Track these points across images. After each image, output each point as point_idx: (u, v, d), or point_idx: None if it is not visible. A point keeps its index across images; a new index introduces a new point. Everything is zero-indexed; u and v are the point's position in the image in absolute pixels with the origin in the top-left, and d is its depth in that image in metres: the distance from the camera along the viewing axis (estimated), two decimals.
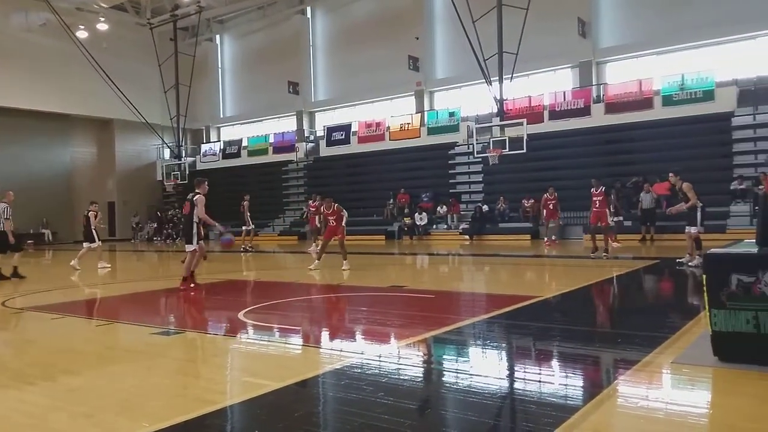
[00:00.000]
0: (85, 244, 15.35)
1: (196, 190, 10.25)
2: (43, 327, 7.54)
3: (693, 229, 11.36)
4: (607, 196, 14.90)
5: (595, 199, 14.28)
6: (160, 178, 33.55)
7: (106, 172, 35.53)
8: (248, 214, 20.22)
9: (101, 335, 6.80)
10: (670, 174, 12.17)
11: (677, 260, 11.60)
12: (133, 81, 30.40)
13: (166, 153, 34.86)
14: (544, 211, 18.99)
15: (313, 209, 19.04)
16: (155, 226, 32.71)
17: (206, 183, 10.34)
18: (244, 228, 20.23)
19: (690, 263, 11.11)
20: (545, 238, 19.10)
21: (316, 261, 13.17)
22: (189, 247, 10.20)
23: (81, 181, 35.13)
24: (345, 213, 13.10)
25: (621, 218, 18.45)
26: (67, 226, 33.42)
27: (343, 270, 12.37)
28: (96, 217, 15.45)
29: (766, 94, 20.18)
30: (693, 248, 11.34)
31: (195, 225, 10.14)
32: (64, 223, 33.35)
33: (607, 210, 14.53)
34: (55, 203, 32.97)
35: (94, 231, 15.27)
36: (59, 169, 34.44)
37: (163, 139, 32.48)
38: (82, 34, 29.15)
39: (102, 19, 31.40)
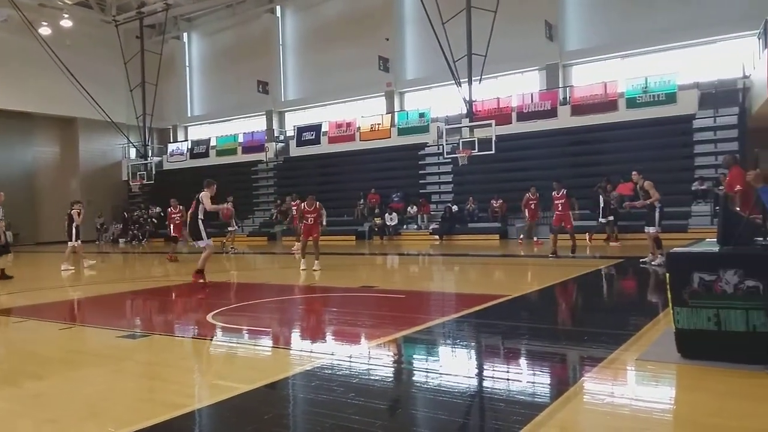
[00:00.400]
0: (69, 244, 15.25)
1: (204, 190, 10.62)
2: (6, 331, 7.34)
3: (652, 229, 11.57)
4: (570, 198, 14.63)
5: (557, 202, 14.20)
6: (126, 178, 32.94)
7: (69, 171, 34.72)
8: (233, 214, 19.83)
9: (66, 339, 6.65)
10: (634, 172, 12.39)
11: (641, 260, 11.84)
12: (97, 79, 29.78)
13: (132, 152, 34.24)
14: (526, 210, 18.65)
15: (295, 207, 18.89)
16: (120, 227, 32.08)
17: (215, 186, 10.85)
18: (230, 229, 19.96)
19: (653, 262, 11.35)
20: (520, 236, 19.10)
21: (303, 260, 13.04)
22: (200, 244, 10.78)
23: (44, 181, 34.29)
24: (324, 212, 13.16)
25: (612, 218, 17.94)
26: (29, 227, 32.56)
27: (314, 270, 12.33)
28: (79, 215, 15.30)
29: (726, 97, 20.76)
30: (654, 247, 11.58)
31: (201, 222, 10.60)
32: (26, 225, 32.42)
33: (570, 213, 14.40)
34: (17, 204, 32.03)
35: (74, 230, 15.06)
36: (21, 168, 33.52)
37: (128, 139, 31.87)
38: (45, 30, 28.41)
39: (66, 15, 30.66)
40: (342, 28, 30.76)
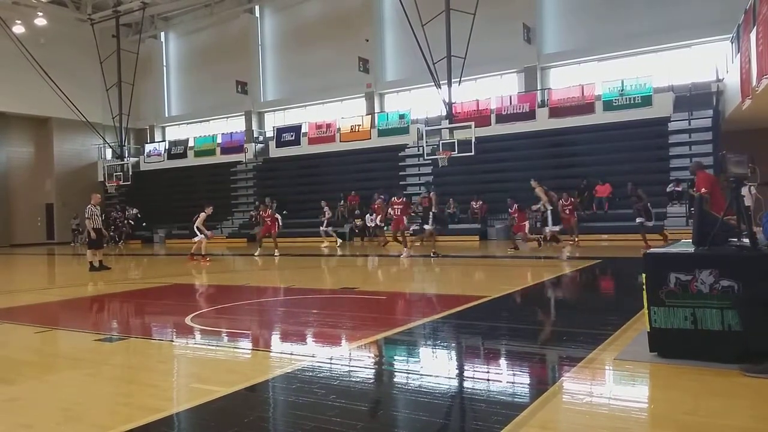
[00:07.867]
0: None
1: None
2: None
3: (547, 229, 11.32)
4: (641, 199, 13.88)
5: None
6: (102, 179, 32.46)
7: (44, 172, 34.14)
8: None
9: (41, 342, 6.54)
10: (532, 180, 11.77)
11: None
12: (72, 78, 29.40)
13: (108, 153, 33.82)
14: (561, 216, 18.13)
15: (380, 203, 20.10)
16: None
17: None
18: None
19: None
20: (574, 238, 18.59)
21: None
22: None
23: (17, 181, 33.67)
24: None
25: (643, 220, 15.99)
26: (3, 229, 31.97)
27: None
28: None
29: (700, 101, 21.13)
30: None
31: None
32: None
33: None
34: None
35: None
36: None
37: (104, 139, 31.49)
38: (19, 29, 27.98)
39: (40, 14, 30.23)
40: (321, 29, 30.72)
